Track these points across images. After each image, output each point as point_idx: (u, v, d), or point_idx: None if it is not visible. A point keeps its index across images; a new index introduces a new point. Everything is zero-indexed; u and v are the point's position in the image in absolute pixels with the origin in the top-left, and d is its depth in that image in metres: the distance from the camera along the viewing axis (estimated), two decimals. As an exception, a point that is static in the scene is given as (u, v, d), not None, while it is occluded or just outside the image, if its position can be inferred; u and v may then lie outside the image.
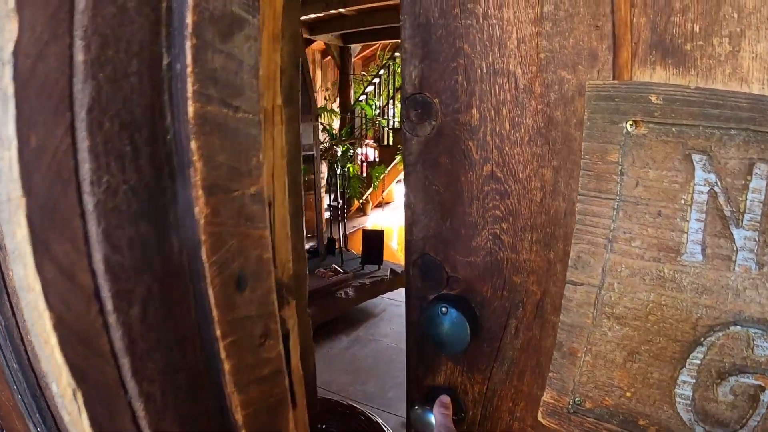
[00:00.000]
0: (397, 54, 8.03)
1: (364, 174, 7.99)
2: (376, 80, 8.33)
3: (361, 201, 8.40)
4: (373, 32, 9.34)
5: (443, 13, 0.79)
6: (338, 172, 6.80)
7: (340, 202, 5.34)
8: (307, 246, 5.74)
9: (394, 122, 8.34)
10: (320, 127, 7.74)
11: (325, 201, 7.65)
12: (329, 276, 4.53)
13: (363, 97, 8.18)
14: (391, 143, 8.00)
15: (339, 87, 9.95)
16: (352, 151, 7.14)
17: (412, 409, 0.96)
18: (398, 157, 7.13)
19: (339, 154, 6.96)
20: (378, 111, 8.19)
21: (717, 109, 0.61)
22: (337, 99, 10.31)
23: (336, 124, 9.53)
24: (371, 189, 8.15)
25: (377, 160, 8.33)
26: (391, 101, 8.41)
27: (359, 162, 8.27)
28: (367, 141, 8.04)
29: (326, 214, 8.75)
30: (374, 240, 4.92)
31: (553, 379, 0.78)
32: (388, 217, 9.38)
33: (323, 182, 7.17)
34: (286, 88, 0.76)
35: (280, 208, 0.77)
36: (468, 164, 0.83)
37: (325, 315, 4.43)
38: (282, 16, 0.74)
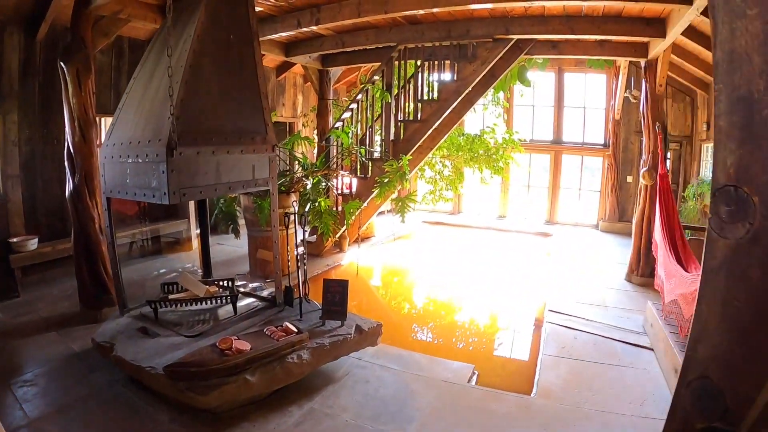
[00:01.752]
0: (376, 77, 7.39)
1: (339, 208, 7.27)
2: (354, 106, 7.65)
3: (336, 237, 7.68)
4: (355, 54, 8.79)
5: (772, 86, 0.62)
6: (298, 209, 6.08)
7: (299, 246, 4.62)
8: (264, 293, 5.03)
9: (372, 152, 7.63)
10: (291, 156, 7.08)
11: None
12: (279, 336, 3.79)
13: (339, 124, 7.48)
14: (368, 175, 7.30)
15: (317, 113, 9.34)
16: (324, 183, 6.43)
17: None
18: (376, 191, 6.44)
19: (308, 186, 6.26)
20: (353, 139, 7.49)
21: None
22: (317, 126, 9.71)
23: (316, 151, 8.90)
24: (344, 227, 7.43)
25: (352, 192, 7.63)
26: (369, 129, 7.72)
27: (335, 194, 7.56)
28: (342, 172, 7.33)
29: (300, 250, 8.07)
30: (336, 291, 4.20)
31: None
32: (368, 254, 8.67)
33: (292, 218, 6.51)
34: None
35: None
36: (787, 285, 0.66)
37: (273, 384, 3.70)
38: None
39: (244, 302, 4.83)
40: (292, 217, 4.66)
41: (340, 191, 7.86)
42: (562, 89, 12.22)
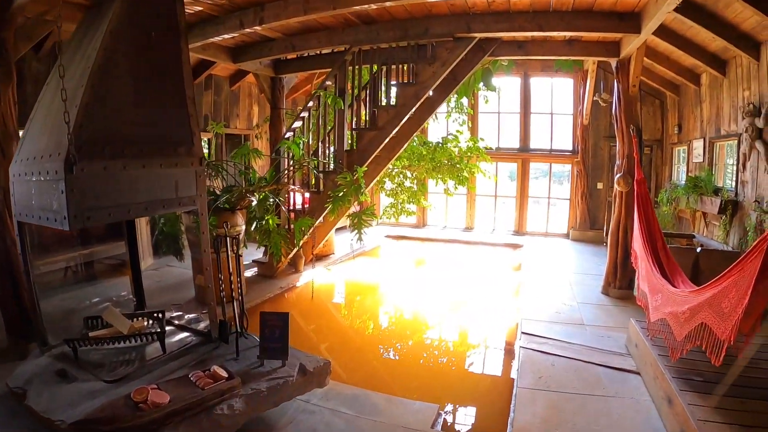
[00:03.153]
0: (328, 82, 6.78)
1: (292, 226, 6.60)
2: (305, 114, 7.00)
3: (288, 258, 7.02)
4: (308, 60, 8.24)
5: None
6: (243, 225, 5.44)
7: (232, 274, 4.00)
8: (201, 325, 4.40)
9: (326, 164, 6.97)
10: (238, 170, 6.45)
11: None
12: (205, 384, 3.16)
13: (290, 135, 6.83)
14: (322, 189, 6.66)
15: (270, 123, 8.72)
16: (272, 199, 5.79)
17: None
18: (330, 206, 5.83)
19: (254, 203, 5.61)
20: (304, 151, 6.83)
21: None
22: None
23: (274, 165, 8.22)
24: (296, 248, 6.79)
25: (305, 208, 6.99)
26: (321, 141, 7.05)
27: (286, 211, 6.89)
28: (292, 186, 6.68)
29: (251, 273, 7.45)
30: (275, 326, 3.57)
31: None
32: (326, 273, 8.07)
33: (239, 237, 5.84)
34: None
35: None
36: None
37: (199, 441, 3.06)
38: None
39: (177, 337, 4.21)
40: (232, 239, 4.01)
41: (292, 207, 7.23)
42: (528, 95, 11.87)
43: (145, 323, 4.42)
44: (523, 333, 5.30)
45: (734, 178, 6.99)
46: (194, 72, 9.13)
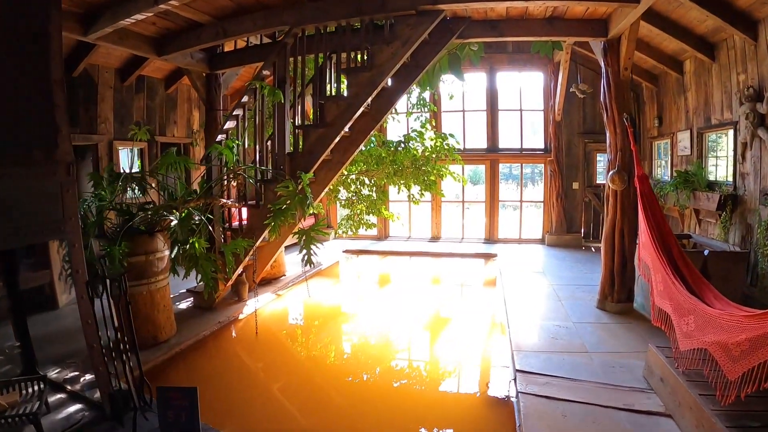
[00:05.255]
0: (266, 72, 5.58)
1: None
2: (239, 112, 5.74)
3: (228, 284, 5.84)
4: (246, 52, 7.13)
5: None
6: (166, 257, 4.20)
7: (119, 331, 2.86)
8: (95, 396, 3.26)
9: (268, 171, 5.71)
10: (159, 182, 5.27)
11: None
12: None
13: (221, 137, 5.55)
14: (261, 201, 5.47)
15: (205, 127, 7.54)
16: (198, 217, 4.61)
17: None
18: (272, 222, 4.69)
19: (174, 222, 4.43)
20: (238, 156, 5.55)
21: None
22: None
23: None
24: (235, 275, 5.60)
25: (242, 225, 5.81)
26: (261, 143, 5.78)
27: (220, 230, 5.69)
28: (225, 200, 5.47)
29: (185, 304, 6.23)
30: (180, 406, 2.45)
31: None
32: (275, 299, 6.95)
33: (125, 277, 4.71)
34: None
35: None
36: None
37: None
38: None
39: (64, 412, 3.19)
40: (113, 280, 2.87)
41: (228, 225, 6.02)
42: (494, 90, 11.00)
43: (24, 392, 3.27)
44: (518, 371, 4.26)
45: (731, 171, 6.27)
46: (122, 73, 7.94)
